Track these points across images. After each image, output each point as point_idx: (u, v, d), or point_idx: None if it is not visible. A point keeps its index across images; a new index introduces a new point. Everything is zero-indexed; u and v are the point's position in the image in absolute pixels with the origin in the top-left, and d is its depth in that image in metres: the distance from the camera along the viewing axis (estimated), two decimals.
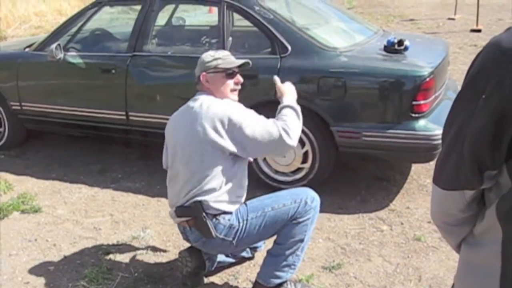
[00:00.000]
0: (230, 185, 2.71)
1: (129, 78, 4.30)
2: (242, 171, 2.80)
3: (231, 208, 2.72)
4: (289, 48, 3.90)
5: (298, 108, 2.81)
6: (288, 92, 2.89)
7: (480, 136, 1.10)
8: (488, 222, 1.20)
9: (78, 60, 4.50)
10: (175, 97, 4.25)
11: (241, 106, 2.77)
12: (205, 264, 3.02)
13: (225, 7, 4.13)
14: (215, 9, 8.48)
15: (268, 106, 3.95)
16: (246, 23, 4.23)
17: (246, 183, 2.86)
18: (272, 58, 3.93)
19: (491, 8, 12.55)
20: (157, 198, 4.11)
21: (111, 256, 3.37)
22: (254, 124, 2.65)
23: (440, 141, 3.72)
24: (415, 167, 4.50)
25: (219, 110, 2.66)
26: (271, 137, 2.64)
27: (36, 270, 3.26)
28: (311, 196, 2.80)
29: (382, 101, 3.76)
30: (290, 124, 2.69)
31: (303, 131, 3.84)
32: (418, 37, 4.83)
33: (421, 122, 3.70)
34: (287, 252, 2.76)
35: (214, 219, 2.69)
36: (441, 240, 3.46)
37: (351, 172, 4.48)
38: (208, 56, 2.86)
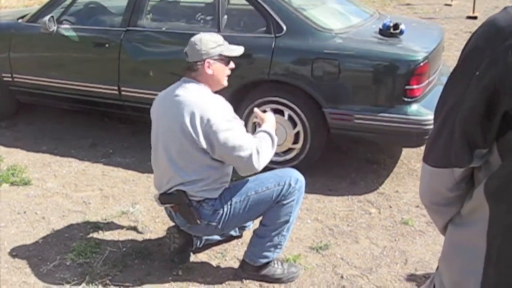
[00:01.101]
0: (213, 175, 2.68)
1: (123, 52, 4.27)
2: (225, 167, 2.75)
3: (215, 194, 2.71)
4: (284, 28, 3.88)
5: (276, 138, 2.77)
6: (268, 120, 2.84)
7: (471, 113, 1.10)
8: (476, 201, 1.20)
9: (71, 33, 4.46)
10: (168, 73, 4.22)
11: (229, 109, 2.70)
12: (193, 241, 3.03)
13: None
14: None
15: (261, 85, 3.97)
16: (242, 1, 4.20)
17: (231, 168, 2.80)
18: (266, 37, 3.91)
19: None
20: (147, 174, 4.10)
21: (99, 231, 3.37)
22: (231, 132, 2.58)
23: (432, 126, 3.74)
24: (405, 151, 4.51)
25: (203, 107, 2.58)
26: (241, 152, 2.59)
27: (24, 243, 3.26)
28: (294, 178, 2.78)
29: (375, 84, 3.76)
30: (263, 148, 2.66)
31: (295, 112, 3.87)
32: (414, 22, 4.82)
33: (414, 107, 3.70)
34: (273, 233, 2.78)
35: (198, 206, 2.69)
36: (428, 225, 3.49)
37: (342, 154, 4.49)
38: (210, 42, 2.71)
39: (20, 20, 4.86)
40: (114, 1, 5.01)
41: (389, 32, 3.90)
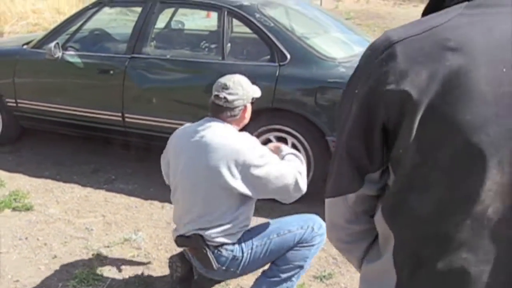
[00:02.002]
0: (236, 220, 2.56)
1: (127, 79, 4.30)
2: (250, 205, 2.63)
3: (234, 239, 2.58)
4: (288, 56, 3.92)
5: (300, 155, 2.73)
6: (281, 145, 2.83)
7: (353, 132, 1.08)
8: (380, 230, 1.14)
9: (76, 60, 4.50)
10: (172, 100, 4.28)
11: (257, 142, 2.61)
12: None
13: (225, 13, 4.14)
14: (213, 14, 8.52)
15: (265, 113, 3.98)
16: (246, 29, 4.25)
17: (252, 212, 2.70)
18: (271, 66, 3.95)
19: None
20: (150, 201, 4.10)
21: (102, 258, 3.35)
22: (270, 166, 2.47)
23: None
24: None
25: (236, 147, 2.46)
26: (286, 180, 2.49)
27: (26, 269, 3.24)
28: (318, 223, 2.70)
29: None
30: (300, 168, 2.59)
31: (299, 140, 3.88)
32: None
33: None
34: (283, 276, 2.66)
35: (215, 251, 2.57)
36: None
37: None
38: (249, 86, 2.64)
39: (25, 46, 4.90)
40: (119, 28, 5.08)
41: None
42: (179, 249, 3.11)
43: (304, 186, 2.57)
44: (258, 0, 4.30)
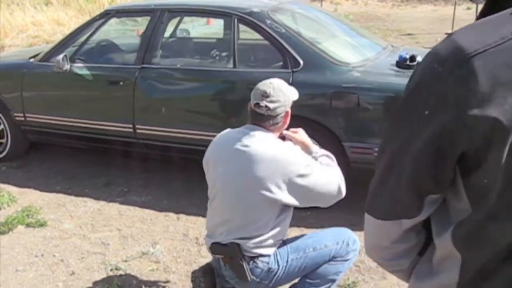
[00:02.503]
0: (273, 231, 2.50)
1: (137, 90, 4.25)
2: (289, 216, 2.59)
3: (270, 251, 2.53)
4: (301, 62, 3.87)
5: (332, 155, 2.69)
6: (306, 140, 2.69)
7: (421, 156, 0.97)
8: (443, 251, 1.07)
9: (85, 72, 4.44)
10: (184, 110, 4.22)
11: (299, 150, 2.54)
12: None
13: (236, 20, 4.09)
14: (213, 21, 8.49)
15: None
16: (255, 36, 4.19)
17: (289, 222, 2.64)
18: (284, 72, 3.89)
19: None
20: (164, 213, 4.04)
21: (121, 272, 3.29)
22: (315, 176, 2.43)
23: None
24: None
25: (283, 159, 2.40)
26: (330, 187, 2.47)
27: (44, 287, 3.18)
28: (353, 238, 2.67)
29: None
30: (340, 173, 2.57)
31: None
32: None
33: None
34: None
35: (251, 262, 2.50)
36: None
37: (360, 187, 4.40)
38: (289, 90, 2.57)
39: (32, 60, 4.85)
40: (126, 39, 5.03)
41: (406, 64, 3.88)
42: (198, 261, 3.06)
43: (344, 190, 2.54)
44: (267, 5, 4.25)
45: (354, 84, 3.74)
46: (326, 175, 2.48)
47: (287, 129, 2.66)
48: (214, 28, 7.77)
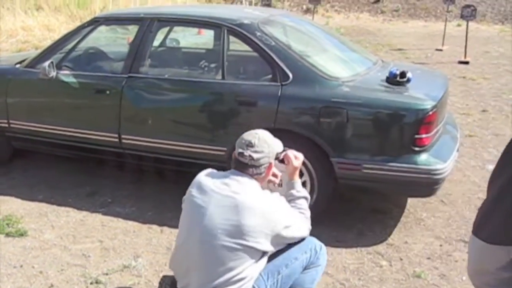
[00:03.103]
0: (254, 274, 2.48)
1: (124, 99, 4.18)
2: (266, 258, 2.57)
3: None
4: (291, 75, 3.83)
5: (309, 197, 2.81)
6: (297, 170, 2.79)
7: None
8: None
9: (71, 79, 4.37)
10: (171, 121, 4.17)
11: (283, 200, 2.61)
12: None
13: (225, 31, 4.05)
14: (204, 31, 8.46)
15: None
16: (245, 48, 4.15)
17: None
18: (273, 86, 3.85)
19: (476, 41, 12.72)
20: (148, 225, 3.97)
21: (101, 286, 3.22)
22: (295, 224, 2.56)
23: (441, 176, 3.67)
24: (411, 200, 4.42)
25: (274, 211, 2.45)
26: (303, 233, 2.63)
27: None
28: (318, 244, 2.71)
29: (384, 133, 3.70)
30: (309, 217, 2.69)
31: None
32: (418, 69, 4.81)
33: (423, 156, 3.64)
34: None
35: None
36: (442, 278, 3.38)
37: (347, 203, 4.38)
38: (273, 143, 2.61)
39: (18, 66, 4.77)
40: (114, 47, 4.97)
41: (396, 80, 3.86)
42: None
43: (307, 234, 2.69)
44: (258, 17, 4.22)
45: (344, 99, 3.70)
46: (303, 223, 2.63)
47: (289, 147, 2.76)
48: (205, 38, 7.74)
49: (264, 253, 2.49)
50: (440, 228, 4.03)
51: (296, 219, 2.58)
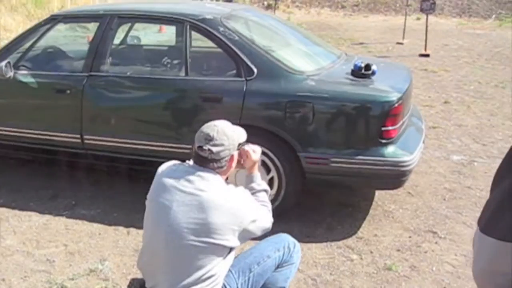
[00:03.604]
0: (223, 271, 2.42)
1: (85, 99, 4.07)
2: (233, 253, 2.51)
3: (220, 286, 2.43)
4: (255, 70, 3.78)
5: (269, 189, 2.73)
6: (257, 164, 2.70)
7: None
8: None
9: (29, 79, 4.24)
10: (134, 120, 4.08)
11: (248, 193, 2.53)
12: None
13: (188, 27, 3.98)
14: (165, 28, 8.35)
15: None
16: (210, 44, 4.08)
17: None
18: (237, 81, 3.80)
19: (436, 34, 12.89)
20: (114, 227, 3.87)
21: None
22: (262, 218, 2.49)
23: (408, 167, 3.68)
24: (378, 193, 4.43)
25: (240, 207, 2.37)
26: (267, 225, 2.53)
27: None
28: (292, 241, 2.65)
29: (350, 126, 3.68)
30: (271, 210, 2.61)
31: (269, 157, 3.73)
32: (382, 62, 4.81)
33: (390, 148, 3.64)
34: None
35: None
36: (412, 269, 3.39)
37: (315, 198, 4.36)
38: (234, 134, 2.46)
39: None
40: (74, 46, 4.84)
41: (361, 73, 3.85)
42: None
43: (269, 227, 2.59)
44: (221, 13, 4.15)
45: (309, 93, 3.68)
46: (266, 216, 2.54)
47: (256, 143, 2.64)
48: (167, 35, 7.64)
49: (231, 248, 2.43)
50: (408, 219, 4.04)
51: (260, 213, 2.51)
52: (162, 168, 2.53)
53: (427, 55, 10.45)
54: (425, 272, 3.38)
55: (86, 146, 4.15)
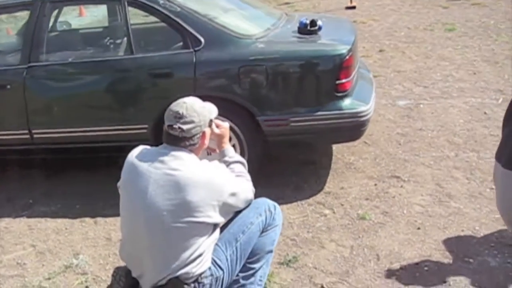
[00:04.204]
0: (210, 247, 2.39)
1: (28, 92, 3.87)
2: (218, 229, 2.48)
3: (208, 263, 2.38)
4: (202, 40, 3.70)
5: (245, 161, 2.70)
6: (226, 138, 2.67)
7: None
8: None
9: None
10: (85, 106, 3.92)
11: (224, 167, 2.48)
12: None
13: (125, 3, 3.82)
14: (85, 11, 8.07)
15: None
16: (152, 19, 3.96)
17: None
18: (185, 53, 3.71)
19: None
20: (80, 219, 3.75)
21: None
22: (242, 190, 2.46)
23: (366, 117, 3.73)
24: (336, 147, 4.48)
25: (217, 182, 2.32)
26: (249, 197, 2.53)
27: None
28: (271, 204, 2.64)
29: (305, 84, 3.69)
30: (250, 180, 2.59)
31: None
32: (324, 17, 4.80)
33: (346, 101, 3.68)
34: (256, 266, 2.56)
35: (197, 284, 2.35)
36: (385, 215, 3.47)
37: (275, 161, 4.36)
38: (204, 110, 2.40)
39: None
40: (4, 38, 4.57)
41: (308, 29, 3.84)
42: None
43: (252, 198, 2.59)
44: None
45: (261, 55, 3.65)
46: (246, 186, 2.52)
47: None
48: (88, 19, 7.38)
49: (215, 225, 2.40)
50: (370, 168, 4.12)
51: (239, 184, 2.48)
52: (132, 154, 2.45)
53: (353, 7, 10.55)
54: (397, 216, 3.46)
55: (36, 141, 3.96)
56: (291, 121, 3.67)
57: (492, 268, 2.88)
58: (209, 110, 2.46)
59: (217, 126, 2.59)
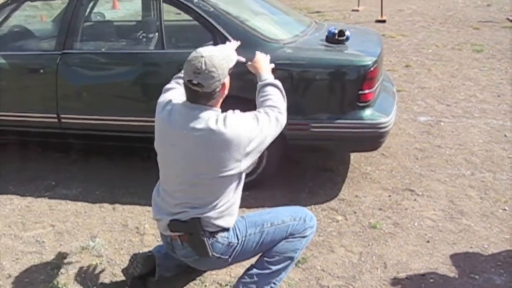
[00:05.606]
0: (233, 201, 2.48)
1: (60, 77, 4.01)
2: (243, 179, 2.54)
3: (230, 223, 2.48)
4: (232, 40, 3.78)
5: (279, 83, 2.70)
6: (263, 65, 2.74)
7: None
8: None
9: (0, 61, 4.13)
10: (112, 96, 4.04)
11: (247, 115, 2.48)
12: (155, 273, 2.86)
13: (161, 0, 3.94)
14: (118, 4, 8.20)
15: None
16: (186, 17, 4.06)
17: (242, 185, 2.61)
18: None
19: (389, 0, 13.04)
20: (99, 204, 3.87)
21: (62, 271, 3.12)
22: (266, 127, 2.44)
23: (386, 129, 3.79)
24: (353, 156, 4.55)
25: (241, 135, 2.32)
26: (277, 133, 2.53)
27: None
28: (309, 215, 2.69)
29: (329, 91, 3.76)
30: (280, 105, 2.58)
31: None
32: (352, 28, 4.87)
33: (368, 111, 3.74)
34: (274, 268, 2.60)
35: (212, 238, 2.45)
36: (396, 226, 3.52)
37: (295, 164, 4.45)
38: (223, 61, 2.38)
39: None
40: (38, 24, 4.72)
41: (336, 39, 3.92)
42: (143, 251, 2.98)
43: (285, 121, 2.60)
44: None
45: (287, 60, 3.72)
46: (271, 121, 2.48)
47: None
48: (121, 12, 7.52)
49: (240, 173, 2.44)
50: (385, 179, 4.17)
51: (265, 125, 2.44)
52: (158, 110, 2.56)
53: (384, 21, 10.60)
54: (408, 228, 3.52)
55: (63, 125, 4.10)
56: (312, 126, 3.74)
57: (497, 286, 2.92)
58: (228, 60, 2.43)
59: (251, 61, 2.74)
